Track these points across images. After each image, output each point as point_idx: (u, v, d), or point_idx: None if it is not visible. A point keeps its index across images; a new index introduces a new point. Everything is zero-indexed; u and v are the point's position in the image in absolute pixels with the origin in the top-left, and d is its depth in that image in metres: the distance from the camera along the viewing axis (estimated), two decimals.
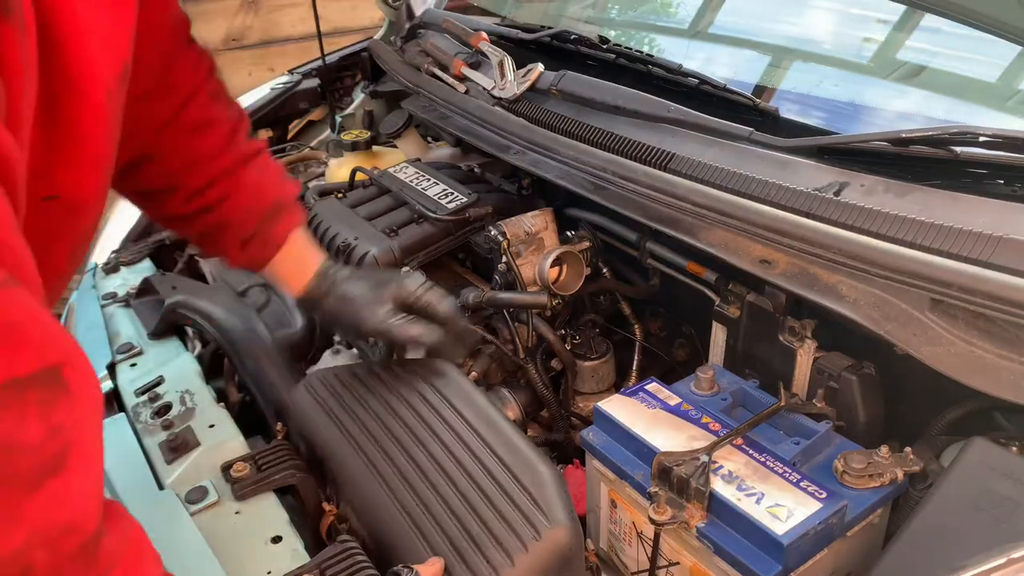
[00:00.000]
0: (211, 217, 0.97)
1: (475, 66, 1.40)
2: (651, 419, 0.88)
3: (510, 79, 1.29)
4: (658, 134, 1.08)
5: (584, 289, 1.19)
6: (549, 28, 1.39)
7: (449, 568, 0.76)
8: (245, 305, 1.26)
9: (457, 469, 0.85)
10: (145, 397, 1.07)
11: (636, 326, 1.22)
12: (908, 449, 0.83)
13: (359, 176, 1.41)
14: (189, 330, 1.31)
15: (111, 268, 1.45)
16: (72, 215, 0.55)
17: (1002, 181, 0.85)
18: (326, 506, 0.91)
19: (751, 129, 1.00)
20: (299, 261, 1.02)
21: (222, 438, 0.98)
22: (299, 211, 1.02)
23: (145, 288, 1.34)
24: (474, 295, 1.17)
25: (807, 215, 0.89)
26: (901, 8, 1.33)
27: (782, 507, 0.75)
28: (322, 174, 1.64)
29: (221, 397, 1.16)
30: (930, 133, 0.86)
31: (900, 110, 1.21)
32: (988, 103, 1.21)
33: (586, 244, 1.21)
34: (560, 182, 1.17)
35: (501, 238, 1.18)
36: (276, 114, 1.91)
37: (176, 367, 1.14)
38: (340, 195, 1.37)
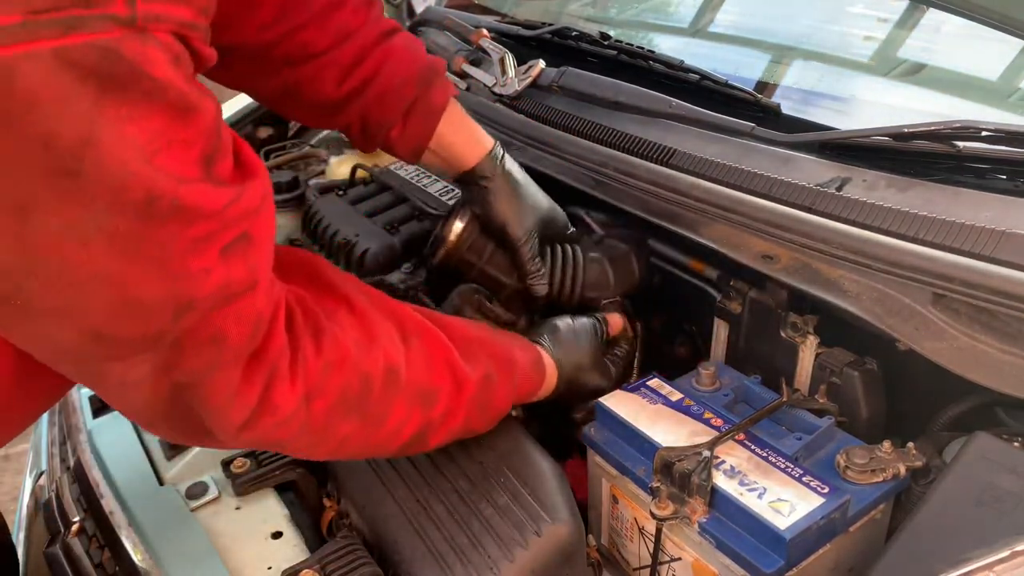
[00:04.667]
0: (369, 91, 0.93)
1: (476, 63, 1.40)
2: (653, 415, 0.88)
3: (511, 76, 1.29)
4: (659, 130, 1.08)
5: None
6: (550, 25, 1.39)
7: (449, 565, 0.76)
8: None
9: (457, 464, 0.85)
10: None
11: (637, 322, 1.22)
12: (911, 444, 0.83)
13: (360, 173, 1.41)
14: None
15: None
16: None
17: (1004, 176, 0.85)
18: (326, 502, 0.90)
19: (753, 125, 1.00)
20: (468, 129, 1.00)
21: None
22: (450, 83, 1.00)
23: None
24: (474, 292, 1.16)
25: (809, 210, 0.89)
26: (902, 7, 1.34)
27: (784, 502, 0.75)
28: (322, 172, 1.64)
29: None
30: (932, 128, 0.86)
31: (901, 107, 1.21)
32: (989, 100, 1.21)
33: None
34: (561, 178, 1.17)
35: None
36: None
37: None
38: (340, 192, 1.36)
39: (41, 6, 0.41)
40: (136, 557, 0.82)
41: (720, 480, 0.78)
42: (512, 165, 1.02)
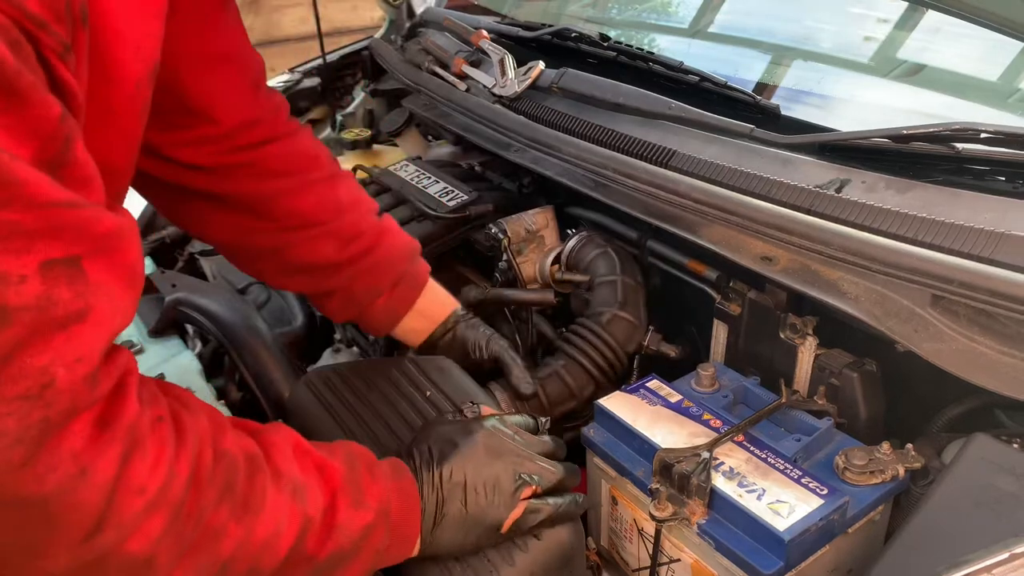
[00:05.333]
0: (369, 258, 0.99)
1: (476, 64, 1.40)
2: (652, 416, 0.88)
3: (511, 77, 1.29)
4: (659, 131, 1.08)
5: None
6: (550, 26, 1.39)
7: (449, 568, 0.76)
8: (245, 302, 1.26)
9: None
10: None
11: (651, 331, 1.22)
12: (910, 446, 0.83)
13: (360, 174, 1.41)
14: (190, 328, 1.31)
15: None
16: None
17: (1003, 178, 0.85)
18: None
19: (752, 126, 1.00)
20: (441, 299, 1.08)
21: None
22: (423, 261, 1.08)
23: (145, 286, 1.34)
24: (475, 292, 1.17)
25: (808, 212, 0.89)
26: (902, 7, 1.34)
27: (783, 503, 0.75)
28: None
29: (221, 395, 1.16)
30: (931, 130, 0.86)
31: (901, 108, 1.21)
32: (989, 101, 1.21)
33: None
34: (561, 179, 1.17)
35: (502, 236, 1.18)
36: None
37: (176, 365, 1.14)
38: None
39: None
40: None
41: (719, 481, 0.78)
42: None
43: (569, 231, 1.23)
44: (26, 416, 0.48)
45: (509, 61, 1.31)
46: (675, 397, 0.91)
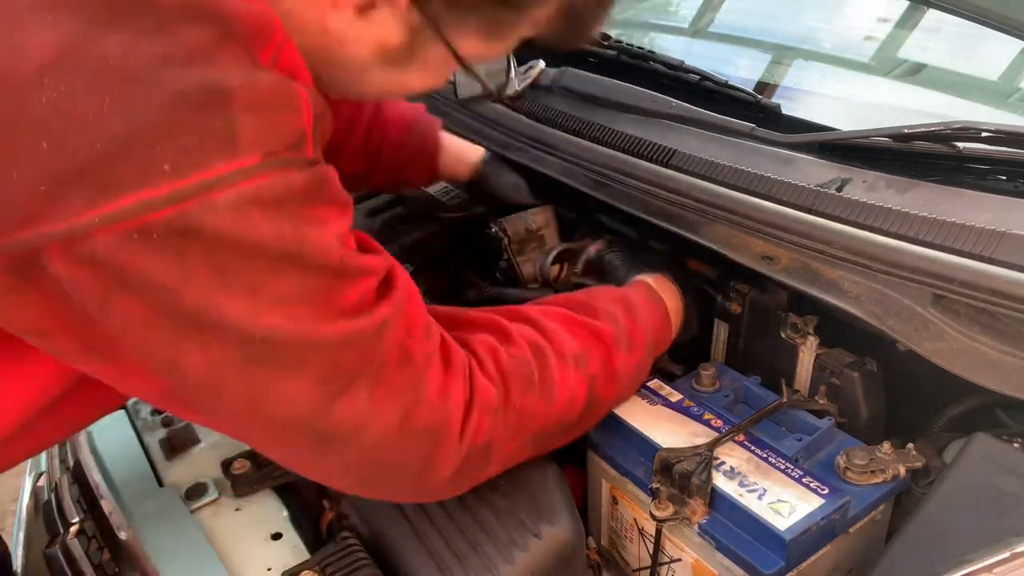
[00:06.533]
0: (383, 157, 1.16)
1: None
2: (653, 416, 0.88)
3: (511, 76, 1.29)
4: (660, 130, 1.08)
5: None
6: None
7: (448, 567, 0.76)
8: None
9: None
10: None
11: None
12: (910, 445, 0.83)
13: None
14: None
15: None
16: None
17: (1004, 177, 0.84)
18: (326, 503, 0.90)
19: (753, 125, 1.00)
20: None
21: (222, 435, 0.97)
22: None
23: None
24: (475, 292, 1.17)
25: (809, 211, 0.89)
26: (902, 7, 1.34)
27: (784, 503, 0.75)
28: None
29: None
30: (932, 129, 0.86)
31: (901, 107, 1.21)
32: (989, 100, 1.21)
33: (598, 247, 1.20)
34: (561, 178, 1.17)
35: (502, 235, 1.18)
36: None
37: None
38: None
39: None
40: (135, 558, 0.82)
41: (720, 481, 0.78)
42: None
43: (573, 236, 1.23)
44: (400, 374, 0.66)
45: (510, 60, 1.31)
46: (676, 397, 0.91)
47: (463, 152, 1.24)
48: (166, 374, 0.59)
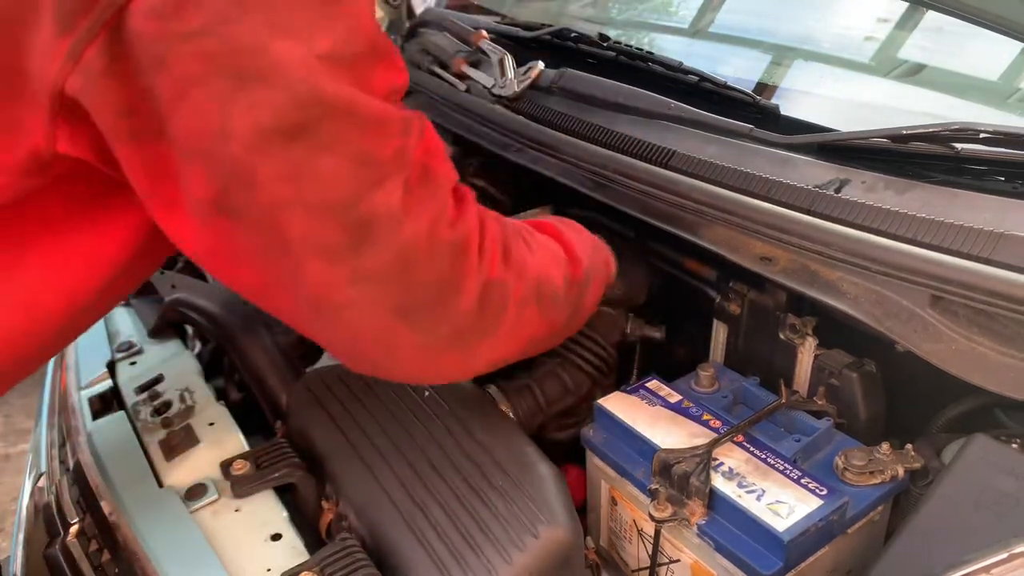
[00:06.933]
0: None
1: (475, 64, 1.40)
2: (652, 416, 0.88)
3: (510, 77, 1.29)
4: (658, 131, 1.08)
5: None
6: (549, 26, 1.39)
7: (447, 567, 0.76)
8: (245, 303, 1.26)
9: (456, 468, 0.85)
10: (145, 395, 1.07)
11: (631, 317, 1.22)
12: (909, 446, 0.83)
13: None
14: (189, 329, 1.31)
15: None
16: None
17: (1003, 178, 0.84)
18: (325, 504, 0.90)
19: (751, 126, 1.00)
20: None
21: (222, 436, 0.98)
22: None
23: (144, 287, 1.34)
24: None
25: (808, 212, 0.89)
26: (902, 7, 1.33)
27: (783, 504, 0.75)
28: None
29: (221, 395, 1.16)
30: (931, 130, 0.86)
31: (901, 108, 1.21)
32: (989, 101, 1.21)
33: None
34: (560, 179, 1.17)
35: None
36: None
37: (176, 365, 1.14)
38: None
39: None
40: (135, 559, 0.82)
41: (719, 482, 0.78)
42: None
43: None
44: (423, 187, 0.68)
45: (509, 61, 1.31)
46: (675, 397, 0.91)
47: None
48: (210, 156, 0.59)
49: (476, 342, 0.77)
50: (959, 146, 0.85)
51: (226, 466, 0.92)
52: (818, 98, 1.25)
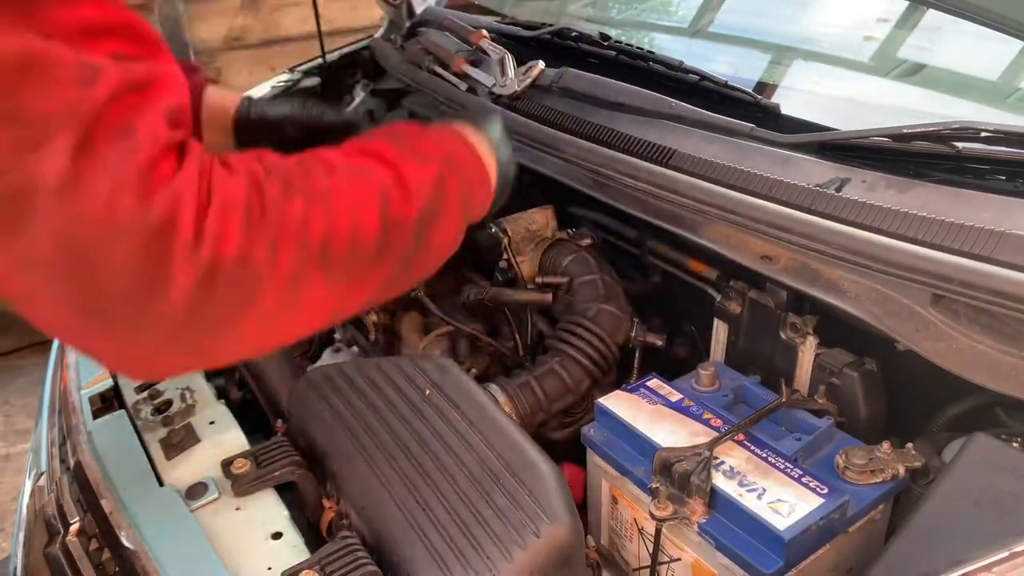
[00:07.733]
0: None
1: (476, 64, 1.40)
2: (652, 415, 0.88)
3: (511, 76, 1.29)
4: (659, 130, 1.08)
5: None
6: (550, 26, 1.39)
7: (448, 565, 0.76)
8: None
9: (457, 466, 0.85)
10: (145, 394, 1.06)
11: (636, 323, 1.22)
12: (910, 445, 0.83)
13: None
14: None
15: None
16: None
17: (1003, 177, 0.84)
18: (326, 502, 0.90)
19: (752, 125, 1.00)
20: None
21: (222, 435, 0.97)
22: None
23: None
24: (475, 292, 1.17)
25: (808, 211, 0.89)
26: (902, 7, 1.34)
27: (784, 502, 0.75)
28: None
29: (221, 394, 1.15)
30: (931, 129, 0.86)
31: (901, 107, 1.21)
32: (989, 100, 1.21)
33: (587, 241, 1.21)
34: (561, 178, 1.17)
35: (502, 235, 1.18)
36: None
37: None
38: None
39: None
40: (136, 558, 0.82)
41: (719, 481, 0.78)
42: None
43: (568, 232, 1.23)
44: (126, 160, 0.55)
45: (509, 61, 1.31)
46: (675, 396, 0.91)
47: (226, 100, 1.05)
48: None
49: (209, 337, 0.62)
50: (960, 145, 0.85)
51: (227, 465, 0.92)
52: (818, 97, 1.25)
